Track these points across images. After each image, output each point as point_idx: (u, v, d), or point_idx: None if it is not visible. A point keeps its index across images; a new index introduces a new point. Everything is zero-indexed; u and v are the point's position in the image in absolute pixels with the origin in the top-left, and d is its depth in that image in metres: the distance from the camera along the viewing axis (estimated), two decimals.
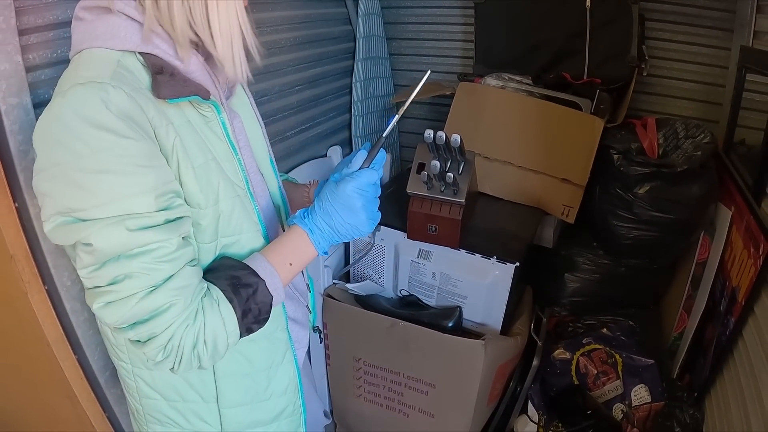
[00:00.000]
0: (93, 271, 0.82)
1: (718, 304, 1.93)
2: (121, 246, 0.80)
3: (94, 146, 0.78)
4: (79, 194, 0.79)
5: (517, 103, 2.23)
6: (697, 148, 1.99)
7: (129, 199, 0.81)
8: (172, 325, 0.85)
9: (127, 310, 0.82)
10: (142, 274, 0.82)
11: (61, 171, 0.79)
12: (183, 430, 1.10)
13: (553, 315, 2.32)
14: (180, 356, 0.87)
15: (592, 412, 1.98)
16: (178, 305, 0.85)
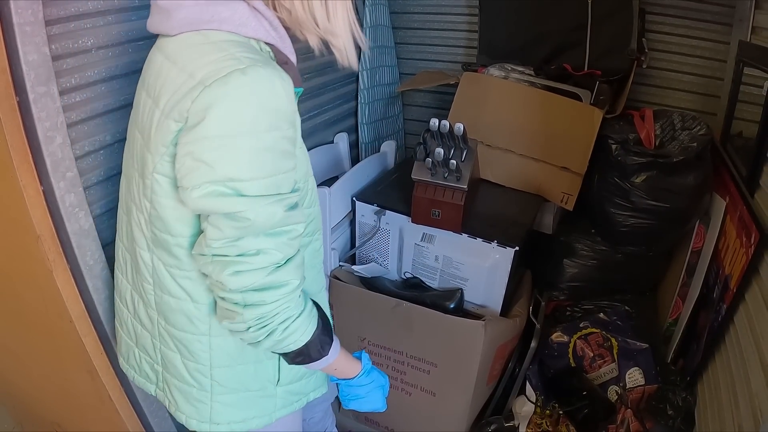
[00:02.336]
0: (230, 243, 0.89)
1: (712, 292, 1.96)
2: (275, 223, 0.90)
3: (266, 125, 0.86)
4: (242, 167, 0.86)
5: (519, 93, 2.27)
6: (693, 139, 2.02)
7: (280, 179, 0.89)
8: (280, 300, 0.94)
9: (254, 280, 0.91)
10: (276, 251, 0.91)
11: (230, 143, 0.84)
12: (248, 391, 1.19)
13: (552, 299, 2.35)
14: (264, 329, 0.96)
15: (587, 393, 2.02)
16: (292, 284, 0.95)
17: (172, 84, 0.90)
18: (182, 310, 1.08)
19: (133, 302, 1.19)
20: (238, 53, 0.87)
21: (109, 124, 1.38)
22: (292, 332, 0.99)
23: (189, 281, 1.05)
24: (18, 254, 1.37)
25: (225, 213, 0.87)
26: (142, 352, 1.24)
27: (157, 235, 1.02)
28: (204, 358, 1.13)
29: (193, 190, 0.87)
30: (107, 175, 1.39)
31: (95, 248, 1.36)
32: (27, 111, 1.16)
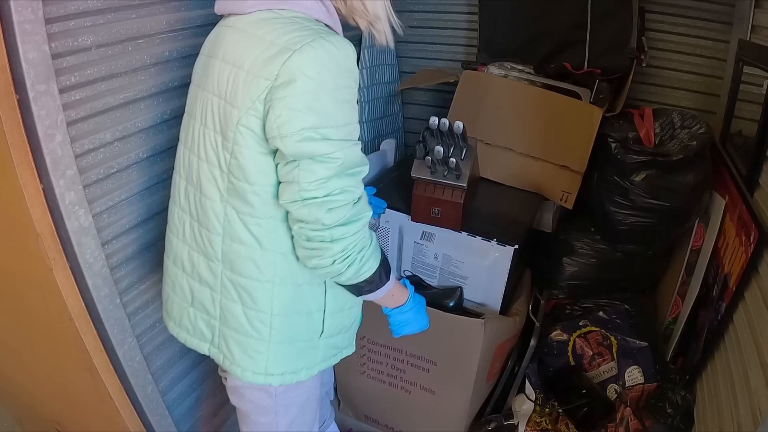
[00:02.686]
0: (320, 184, 1.07)
1: (711, 290, 1.96)
2: (356, 163, 1.11)
3: (344, 83, 1.07)
4: (329, 116, 1.06)
5: (519, 91, 2.28)
6: (692, 138, 2.03)
7: (353, 127, 1.11)
8: (358, 232, 1.14)
9: (343, 215, 1.09)
10: (353, 189, 1.11)
11: (319, 97, 1.04)
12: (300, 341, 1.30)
13: (551, 298, 2.36)
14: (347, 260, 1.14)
15: (587, 391, 2.02)
16: (366, 217, 1.15)
17: (254, 50, 1.08)
18: (250, 257, 1.20)
19: (191, 261, 1.30)
20: (312, 26, 1.08)
21: (109, 123, 1.38)
22: (366, 260, 1.17)
23: (259, 228, 1.18)
24: (18, 252, 1.38)
25: (317, 155, 1.05)
26: (199, 310, 1.32)
27: (234, 185, 1.15)
28: (266, 306, 1.24)
29: (291, 136, 1.04)
30: (107, 173, 1.39)
31: (95, 246, 1.36)
32: (27, 109, 1.16)
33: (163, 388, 1.72)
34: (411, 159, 1.90)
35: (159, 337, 1.68)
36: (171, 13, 1.49)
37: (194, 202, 1.25)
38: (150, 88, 1.48)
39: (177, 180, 1.32)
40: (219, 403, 2.04)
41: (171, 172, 1.54)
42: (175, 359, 1.77)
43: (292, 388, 1.39)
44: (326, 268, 1.14)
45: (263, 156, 1.12)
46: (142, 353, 1.59)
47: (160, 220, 1.58)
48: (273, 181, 1.14)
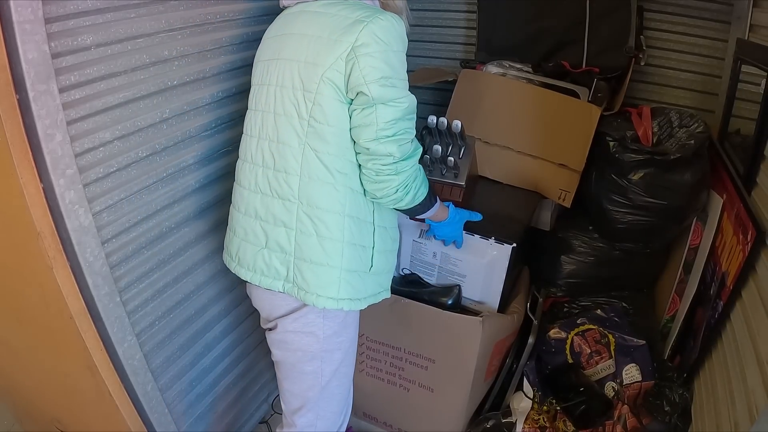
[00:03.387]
0: (392, 124, 1.34)
1: (709, 288, 1.97)
2: (413, 108, 1.40)
3: (401, 46, 1.36)
4: (396, 70, 1.34)
5: (517, 90, 2.29)
6: (690, 137, 2.04)
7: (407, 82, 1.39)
8: (415, 165, 1.42)
9: (408, 148, 1.38)
10: (411, 130, 1.40)
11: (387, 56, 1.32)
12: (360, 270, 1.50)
13: (549, 296, 2.37)
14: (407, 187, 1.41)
15: (584, 389, 2.03)
16: (419, 152, 1.44)
17: (332, 22, 1.36)
18: (326, 191, 1.42)
19: (264, 206, 1.49)
20: (371, 7, 1.38)
21: (108, 122, 1.38)
22: (419, 187, 1.46)
23: (334, 165, 1.40)
24: (18, 251, 1.38)
25: (390, 100, 1.32)
26: (273, 250, 1.49)
27: (315, 128, 1.38)
28: (338, 235, 1.44)
29: (375, 82, 1.30)
30: (106, 172, 1.40)
31: (95, 245, 1.37)
32: (27, 109, 1.16)
33: (163, 386, 1.73)
34: None
35: (158, 335, 1.68)
36: (170, 12, 1.50)
37: (268, 153, 1.47)
38: (149, 88, 1.48)
39: (247, 141, 1.54)
40: (218, 401, 2.05)
41: (171, 171, 1.56)
42: (174, 357, 1.77)
43: (338, 332, 1.56)
44: (391, 196, 1.41)
45: (340, 104, 1.36)
46: (141, 351, 1.59)
47: (160, 218, 1.60)
48: (347, 126, 1.38)
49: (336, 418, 1.71)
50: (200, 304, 1.84)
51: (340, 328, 1.56)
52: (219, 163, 1.77)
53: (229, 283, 1.91)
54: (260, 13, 1.78)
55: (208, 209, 1.78)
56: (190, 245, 1.74)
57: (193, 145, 1.67)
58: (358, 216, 1.46)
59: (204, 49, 1.64)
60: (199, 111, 1.66)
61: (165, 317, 1.69)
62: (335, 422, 1.71)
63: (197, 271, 1.79)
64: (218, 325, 1.96)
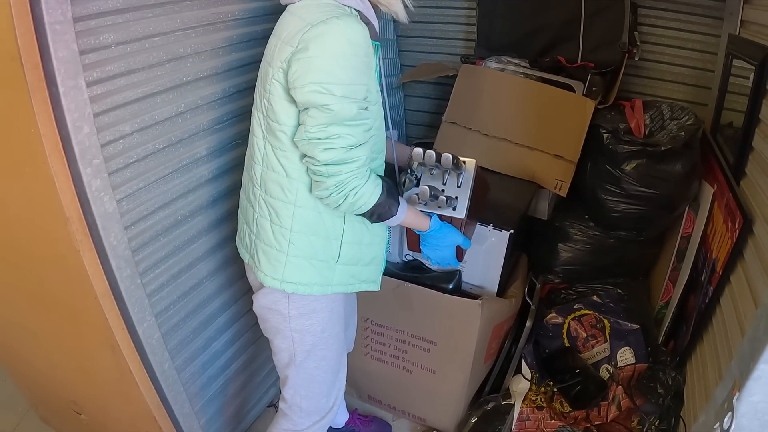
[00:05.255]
0: (321, 128, 1.31)
1: (700, 275, 2.03)
2: (350, 116, 1.32)
3: (349, 51, 1.30)
4: (335, 75, 1.29)
5: (515, 84, 2.36)
6: (681, 128, 2.10)
7: (357, 87, 1.33)
8: (351, 171, 1.36)
9: (336, 155, 1.33)
10: (351, 136, 1.34)
11: (326, 60, 1.28)
12: (316, 260, 1.54)
13: (547, 282, 2.43)
14: (341, 193, 1.37)
15: (580, 371, 2.10)
16: (360, 160, 1.37)
17: (292, 27, 1.35)
18: (279, 182, 1.47)
19: (245, 189, 1.62)
20: (338, 11, 1.33)
21: (128, 115, 1.45)
22: (360, 197, 1.40)
23: (286, 159, 1.44)
24: (46, 237, 1.45)
25: (319, 105, 1.30)
26: (246, 225, 1.62)
27: (270, 125, 1.44)
28: (287, 223, 1.50)
29: (303, 87, 1.29)
30: (126, 162, 1.47)
31: (118, 230, 1.45)
32: (57, 103, 1.24)
33: (178, 366, 1.80)
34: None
35: (174, 318, 1.76)
36: (185, 12, 1.56)
37: (250, 143, 1.57)
38: (165, 83, 1.54)
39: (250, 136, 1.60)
40: (228, 383, 2.12)
41: (185, 162, 1.65)
42: (187, 340, 1.84)
43: (306, 314, 1.62)
44: (326, 198, 1.40)
45: (288, 103, 1.38)
46: (159, 331, 1.67)
47: (176, 207, 1.67)
48: (295, 123, 1.40)
49: (321, 399, 1.77)
50: (212, 289, 1.91)
51: (307, 311, 1.61)
52: (230, 155, 1.84)
53: (239, 270, 1.97)
54: (268, 12, 1.83)
55: (220, 198, 1.85)
56: (204, 233, 1.81)
57: (206, 137, 1.73)
58: (317, 208, 1.49)
59: (216, 47, 1.70)
60: (212, 105, 1.73)
61: (180, 301, 1.77)
62: (321, 404, 1.78)
63: (210, 258, 1.86)
64: (229, 310, 2.02)
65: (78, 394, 2.03)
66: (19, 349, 2.06)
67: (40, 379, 2.15)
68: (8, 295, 1.80)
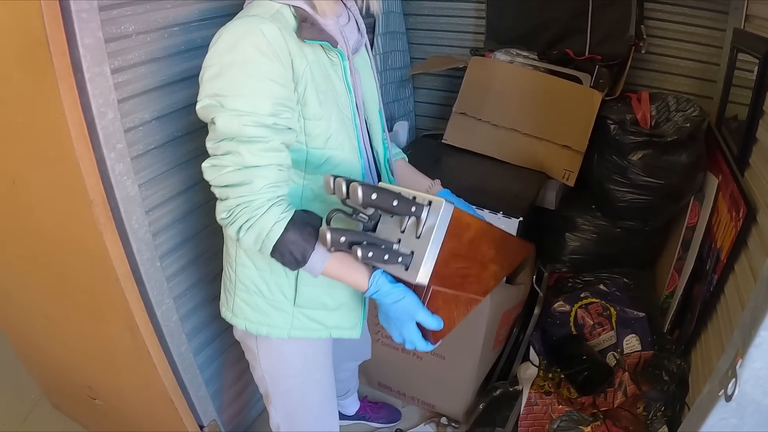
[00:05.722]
0: (214, 143, 1.13)
1: (705, 264, 2.06)
2: (232, 132, 1.10)
3: (246, 58, 1.09)
4: (226, 86, 1.09)
5: (524, 76, 2.39)
6: (686, 120, 2.14)
7: (254, 100, 1.10)
8: (242, 197, 1.12)
9: (219, 174, 1.12)
10: (245, 155, 1.10)
11: (221, 69, 1.09)
12: (262, 296, 1.37)
13: (554, 271, 2.47)
14: (235, 223, 1.14)
15: (587, 357, 2.14)
16: (255, 184, 1.11)
17: None
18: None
19: None
20: (251, 12, 1.15)
21: (148, 103, 1.49)
22: (256, 231, 1.13)
23: None
24: (69, 220, 1.49)
25: (210, 119, 1.12)
26: None
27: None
28: (232, 254, 1.38)
29: (198, 104, 1.14)
30: (146, 149, 1.50)
31: (140, 213, 1.48)
32: (83, 89, 1.27)
33: (195, 350, 1.83)
34: (423, 140, 1.94)
35: (190, 303, 1.80)
36: (202, 2, 1.59)
37: None
38: (183, 72, 1.57)
39: None
40: (241, 371, 2.15)
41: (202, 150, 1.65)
42: (202, 325, 1.88)
43: (274, 358, 1.47)
44: (225, 228, 1.19)
45: None
46: (177, 314, 1.70)
47: (191, 194, 1.70)
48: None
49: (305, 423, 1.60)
50: None
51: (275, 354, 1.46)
52: None
53: None
54: None
55: None
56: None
57: None
58: None
59: None
60: None
61: (197, 285, 1.80)
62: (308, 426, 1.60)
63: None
64: None
65: (94, 378, 2.05)
66: (35, 335, 2.09)
67: (55, 364, 2.18)
68: (29, 280, 1.84)
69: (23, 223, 1.66)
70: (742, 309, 1.63)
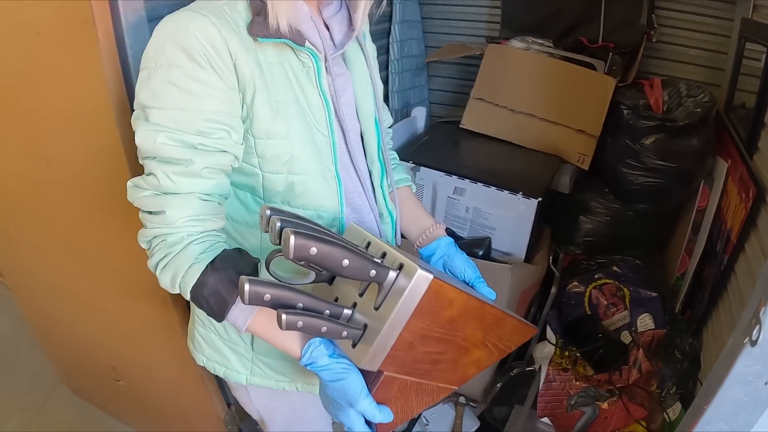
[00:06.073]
0: (141, 160, 0.93)
1: (715, 246, 2.11)
2: (149, 150, 0.90)
3: (171, 62, 0.89)
4: (149, 96, 0.90)
5: (540, 62, 2.44)
6: (697, 105, 2.19)
7: (177, 114, 0.89)
8: (158, 228, 0.92)
9: (137, 197, 0.92)
10: (163, 178, 0.89)
11: (149, 75, 0.90)
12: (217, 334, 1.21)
13: (569, 254, 2.51)
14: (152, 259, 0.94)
15: (602, 335, 2.18)
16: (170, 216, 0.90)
17: None
18: None
19: None
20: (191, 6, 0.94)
21: None
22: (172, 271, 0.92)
23: None
24: (108, 196, 1.49)
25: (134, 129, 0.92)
26: None
27: None
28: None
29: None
30: None
31: None
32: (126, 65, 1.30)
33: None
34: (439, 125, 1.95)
35: None
36: None
37: None
38: None
39: None
40: None
41: None
42: None
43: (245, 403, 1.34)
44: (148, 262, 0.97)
45: None
46: None
47: None
48: None
49: None
50: None
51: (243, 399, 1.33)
52: None
53: None
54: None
55: None
56: None
57: None
58: None
59: None
60: None
61: None
62: None
63: None
64: None
65: (119, 358, 2.07)
66: (59, 316, 2.10)
67: (78, 345, 2.19)
68: (56, 259, 1.86)
69: (54, 201, 1.67)
70: (752, 286, 1.65)
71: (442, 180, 2.12)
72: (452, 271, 1.20)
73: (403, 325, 0.83)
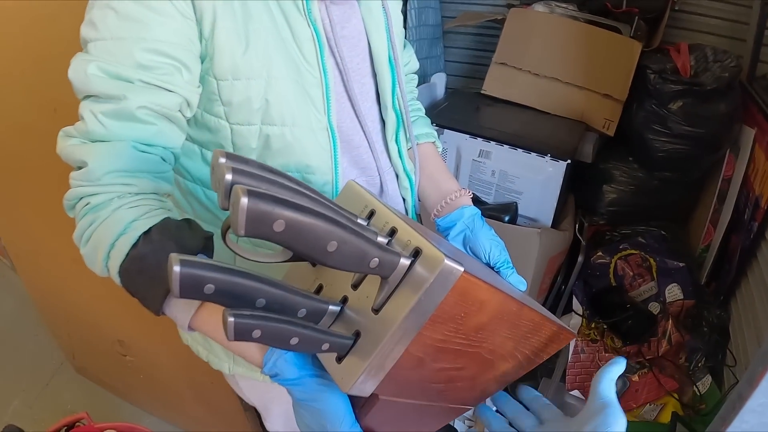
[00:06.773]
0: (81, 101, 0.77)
1: (742, 215, 2.07)
2: (80, 85, 0.75)
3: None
4: (88, 28, 0.76)
5: (564, 26, 2.38)
6: (724, 70, 2.14)
7: (113, 43, 0.74)
8: (79, 188, 0.74)
9: (62, 147, 0.76)
10: (86, 121, 0.74)
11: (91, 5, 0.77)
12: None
13: (592, 224, 2.46)
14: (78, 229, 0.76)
15: (629, 306, 2.13)
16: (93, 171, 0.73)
17: None
18: None
19: None
20: None
21: None
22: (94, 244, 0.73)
23: None
24: None
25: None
26: None
27: None
28: None
29: None
30: None
31: None
32: None
33: None
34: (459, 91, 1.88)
35: None
36: None
37: None
38: None
39: None
40: None
41: None
42: None
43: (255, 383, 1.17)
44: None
45: None
46: None
47: None
48: None
49: None
50: None
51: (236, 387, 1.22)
52: None
53: None
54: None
55: None
56: None
57: None
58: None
59: None
60: None
61: None
62: None
63: None
64: None
65: (126, 331, 2.02)
66: (65, 286, 2.04)
67: (85, 318, 2.12)
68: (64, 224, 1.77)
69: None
70: None
71: (467, 143, 2.06)
72: (474, 250, 0.99)
73: (412, 337, 0.57)
